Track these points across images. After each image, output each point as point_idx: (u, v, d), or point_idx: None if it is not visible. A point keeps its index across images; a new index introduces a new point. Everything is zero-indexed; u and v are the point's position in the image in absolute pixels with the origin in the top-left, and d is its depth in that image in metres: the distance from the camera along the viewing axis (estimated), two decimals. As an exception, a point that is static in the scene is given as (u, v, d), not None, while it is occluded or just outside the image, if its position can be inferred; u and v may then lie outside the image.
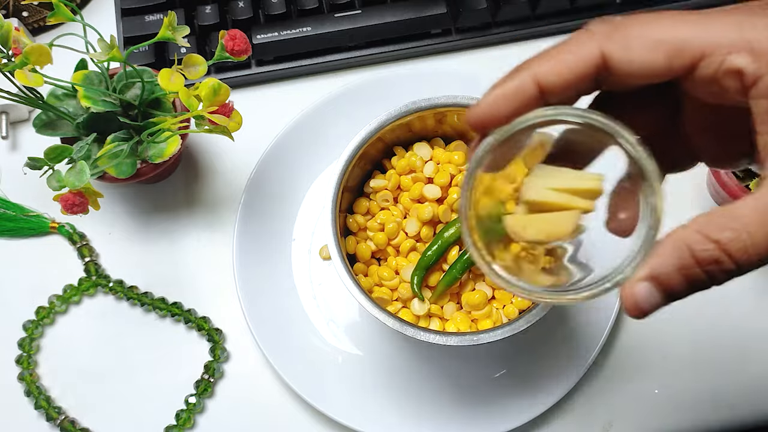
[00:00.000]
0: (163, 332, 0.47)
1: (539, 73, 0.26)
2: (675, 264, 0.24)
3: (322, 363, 0.46)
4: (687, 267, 0.24)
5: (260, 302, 0.46)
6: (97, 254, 0.49)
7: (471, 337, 0.38)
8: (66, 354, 0.47)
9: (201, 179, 0.50)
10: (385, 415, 0.45)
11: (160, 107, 0.43)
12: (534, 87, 0.26)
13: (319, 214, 0.49)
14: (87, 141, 0.41)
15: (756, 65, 0.23)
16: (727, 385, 0.46)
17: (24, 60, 0.35)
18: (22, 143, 0.51)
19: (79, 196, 0.37)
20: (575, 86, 0.26)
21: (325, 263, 0.48)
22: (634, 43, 0.25)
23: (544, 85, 0.26)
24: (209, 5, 0.51)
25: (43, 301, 0.47)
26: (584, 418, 0.46)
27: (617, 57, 0.25)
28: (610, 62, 0.25)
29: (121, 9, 0.51)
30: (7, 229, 0.48)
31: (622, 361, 0.47)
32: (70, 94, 0.42)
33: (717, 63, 0.24)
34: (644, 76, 0.25)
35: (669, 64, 0.24)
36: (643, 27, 0.25)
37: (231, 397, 0.46)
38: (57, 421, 0.45)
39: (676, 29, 0.24)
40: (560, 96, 0.26)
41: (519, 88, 0.26)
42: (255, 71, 0.51)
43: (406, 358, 0.46)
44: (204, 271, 0.48)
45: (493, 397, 0.45)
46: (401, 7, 0.51)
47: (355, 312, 0.47)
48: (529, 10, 0.52)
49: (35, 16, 0.52)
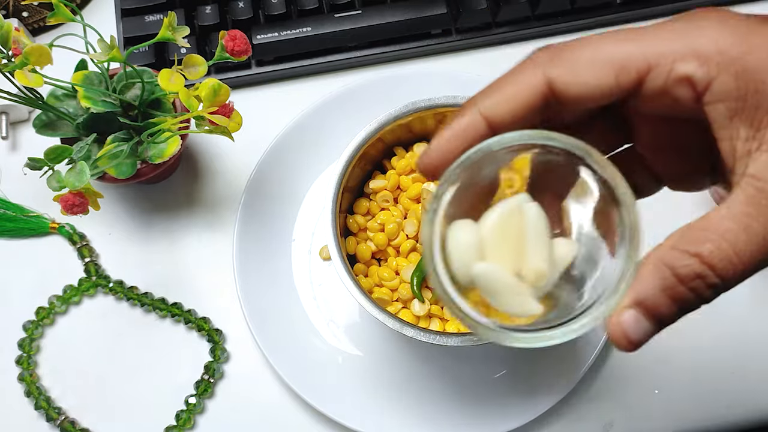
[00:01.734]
0: (163, 333, 0.47)
1: (486, 107, 0.25)
2: (658, 285, 0.23)
3: (322, 363, 0.46)
4: (671, 287, 0.23)
5: (260, 303, 0.46)
6: (97, 255, 0.49)
7: (471, 338, 0.38)
8: (66, 354, 0.47)
9: (201, 180, 0.50)
10: (385, 415, 0.45)
11: (160, 108, 0.42)
12: (483, 123, 0.25)
13: (319, 215, 0.49)
14: (87, 141, 0.41)
15: (704, 69, 0.23)
16: (727, 385, 0.46)
17: (24, 60, 0.35)
18: (22, 144, 0.51)
19: (79, 196, 0.37)
20: (524, 117, 0.25)
21: (325, 263, 0.48)
22: (579, 66, 0.24)
23: (492, 119, 0.25)
24: (209, 5, 0.51)
25: (43, 301, 0.47)
26: (584, 418, 0.46)
27: (564, 81, 0.24)
28: (556, 88, 0.24)
29: (121, 9, 0.51)
30: (7, 230, 0.48)
31: (622, 361, 0.47)
32: (70, 94, 0.42)
33: (665, 73, 0.23)
34: (593, 98, 0.24)
35: (617, 81, 0.24)
36: (586, 49, 0.24)
37: (231, 398, 0.46)
38: (57, 421, 0.45)
39: (619, 46, 0.24)
40: (509, 129, 0.25)
41: (468, 126, 0.25)
42: (255, 71, 0.51)
43: (406, 358, 0.46)
44: (204, 271, 0.48)
45: (494, 398, 0.45)
46: (401, 8, 0.51)
47: (355, 312, 0.47)
48: (529, 11, 0.52)
49: (35, 16, 0.52)
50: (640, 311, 0.23)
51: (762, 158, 0.22)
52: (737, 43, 0.22)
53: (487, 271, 0.25)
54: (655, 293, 0.23)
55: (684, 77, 0.23)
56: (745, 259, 0.22)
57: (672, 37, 0.23)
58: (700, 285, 0.22)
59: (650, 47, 0.23)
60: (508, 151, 0.25)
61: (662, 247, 0.23)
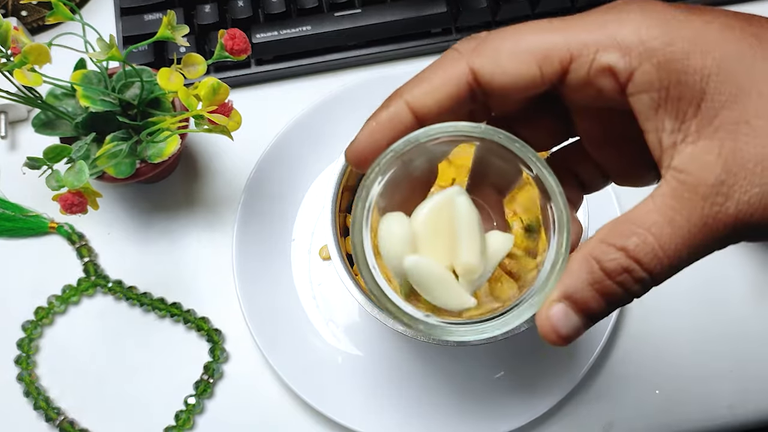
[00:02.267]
0: (163, 333, 0.47)
1: (411, 98, 0.25)
2: (586, 279, 0.22)
3: (321, 363, 0.46)
4: (599, 281, 0.22)
5: (260, 302, 0.46)
6: (96, 254, 0.49)
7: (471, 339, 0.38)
8: (65, 354, 0.47)
9: (200, 179, 0.50)
10: (385, 415, 0.45)
11: (159, 107, 0.42)
12: (408, 113, 0.25)
13: (319, 214, 0.49)
14: (86, 141, 0.41)
15: (626, 60, 0.22)
16: (727, 385, 0.46)
17: (23, 59, 0.35)
18: (20, 143, 0.51)
19: (78, 195, 0.37)
20: (450, 108, 0.25)
21: (325, 263, 0.48)
22: (502, 56, 0.24)
23: (418, 109, 0.25)
24: (209, 4, 0.51)
25: (41, 301, 0.47)
26: (584, 418, 0.46)
27: (488, 71, 0.24)
28: (481, 78, 0.24)
29: (120, 8, 0.51)
30: (6, 229, 0.48)
31: (622, 361, 0.47)
32: (69, 93, 0.42)
33: (587, 64, 0.23)
34: (518, 88, 0.24)
35: (540, 72, 0.23)
36: (509, 38, 0.24)
37: (230, 398, 0.46)
38: (56, 421, 0.45)
39: (543, 36, 0.24)
40: (436, 120, 0.25)
41: (393, 117, 0.25)
42: (254, 71, 0.51)
43: (406, 358, 0.46)
44: (203, 271, 0.48)
45: (493, 398, 0.45)
46: (401, 7, 0.51)
47: (355, 312, 0.47)
48: (529, 9, 0.52)
49: (34, 15, 0.52)
50: (569, 305, 0.23)
51: (686, 150, 0.22)
52: (659, 33, 0.22)
53: (419, 264, 0.24)
54: (583, 287, 0.22)
55: (606, 67, 0.23)
56: (670, 253, 0.22)
57: (595, 27, 0.23)
58: (627, 279, 0.22)
59: (573, 37, 0.23)
60: (439, 143, 0.25)
61: (592, 239, 0.23)
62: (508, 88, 0.24)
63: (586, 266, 0.22)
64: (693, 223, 0.21)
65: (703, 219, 0.21)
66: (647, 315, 0.47)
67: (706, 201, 0.21)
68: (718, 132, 0.21)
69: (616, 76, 0.23)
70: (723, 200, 0.21)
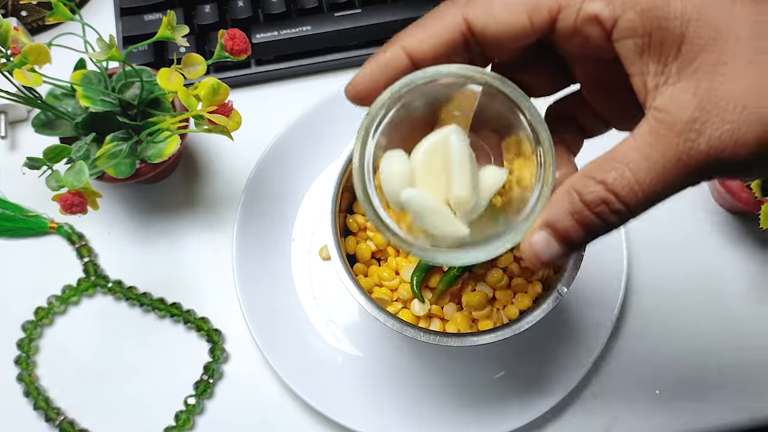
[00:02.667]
0: (162, 333, 0.47)
1: (408, 44, 0.26)
2: (567, 209, 0.24)
3: (321, 363, 0.46)
4: (578, 211, 0.24)
5: (260, 303, 0.46)
6: (96, 254, 0.49)
7: (471, 338, 0.38)
8: (65, 355, 0.47)
9: (200, 179, 0.50)
10: (385, 416, 0.45)
11: (159, 107, 0.42)
12: (405, 58, 0.26)
13: (319, 214, 0.49)
14: (86, 141, 0.41)
15: (610, 8, 0.24)
16: (727, 385, 0.46)
17: (23, 59, 0.35)
18: (20, 143, 0.51)
19: (77, 196, 0.37)
20: (445, 54, 0.26)
21: (325, 263, 0.48)
22: (494, 7, 0.25)
23: (415, 55, 0.26)
24: (208, 4, 0.51)
25: (41, 301, 0.47)
26: (585, 419, 0.46)
27: (481, 21, 0.25)
28: (474, 28, 0.25)
29: (120, 8, 0.51)
30: (6, 229, 0.48)
31: (622, 362, 0.47)
32: (68, 93, 0.42)
33: (574, 13, 0.24)
34: (510, 38, 0.25)
35: (530, 21, 0.25)
36: None
37: (230, 398, 0.46)
38: (56, 421, 0.45)
39: None
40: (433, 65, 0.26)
41: (391, 59, 0.26)
42: (254, 71, 0.51)
43: (406, 358, 0.46)
44: (203, 271, 0.48)
45: (494, 398, 0.45)
46: (401, 6, 0.51)
47: (355, 312, 0.47)
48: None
49: (34, 15, 0.52)
50: (551, 233, 0.25)
51: (667, 91, 0.23)
52: None
53: (415, 196, 0.27)
54: (564, 216, 0.24)
55: (592, 16, 0.24)
56: (645, 187, 0.23)
57: None
58: (604, 210, 0.24)
59: None
60: (436, 86, 0.26)
61: (576, 174, 0.25)
62: (501, 37, 0.25)
63: (567, 197, 0.24)
64: (668, 159, 0.23)
65: (677, 155, 0.23)
66: (647, 315, 0.47)
67: (680, 137, 0.23)
68: (696, 73, 0.23)
69: (601, 24, 0.24)
70: (695, 136, 0.22)
